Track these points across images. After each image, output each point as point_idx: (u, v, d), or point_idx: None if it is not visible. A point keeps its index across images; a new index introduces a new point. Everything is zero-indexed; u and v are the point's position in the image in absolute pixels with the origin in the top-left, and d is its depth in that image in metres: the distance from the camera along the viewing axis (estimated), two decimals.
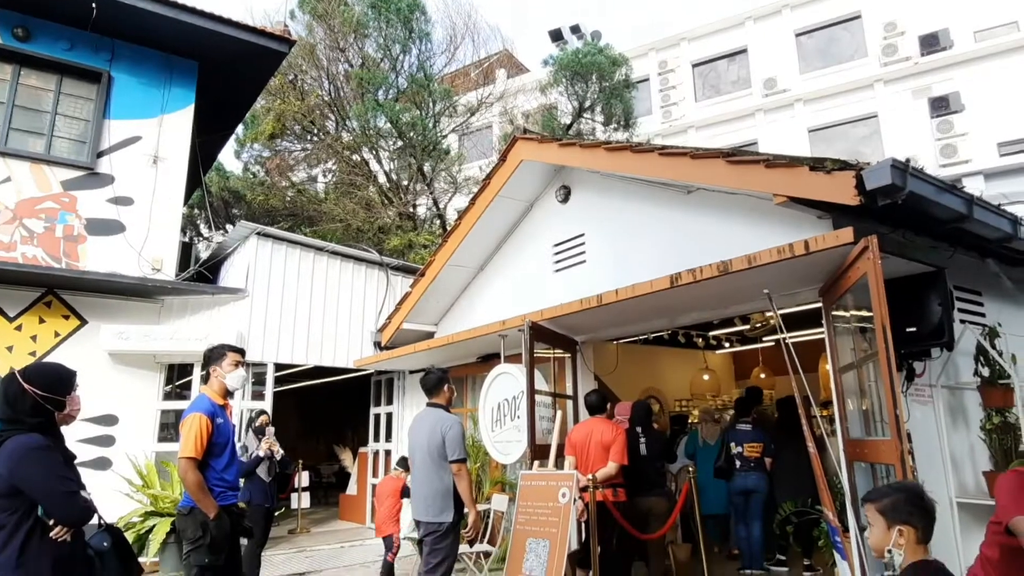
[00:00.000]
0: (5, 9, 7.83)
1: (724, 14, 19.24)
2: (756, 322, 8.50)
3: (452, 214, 14.03)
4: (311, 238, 10.11)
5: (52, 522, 2.62)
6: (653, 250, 5.81)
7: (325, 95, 15.29)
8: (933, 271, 4.33)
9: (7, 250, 7.51)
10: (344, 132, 15.59)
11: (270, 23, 12.88)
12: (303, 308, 8.96)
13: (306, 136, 16.00)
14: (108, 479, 7.20)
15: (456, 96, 15.64)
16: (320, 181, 18.21)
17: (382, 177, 15.36)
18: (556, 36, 21.28)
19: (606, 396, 5.92)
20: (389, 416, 9.87)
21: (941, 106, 15.61)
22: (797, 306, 5.28)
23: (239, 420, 7.60)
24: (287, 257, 8.96)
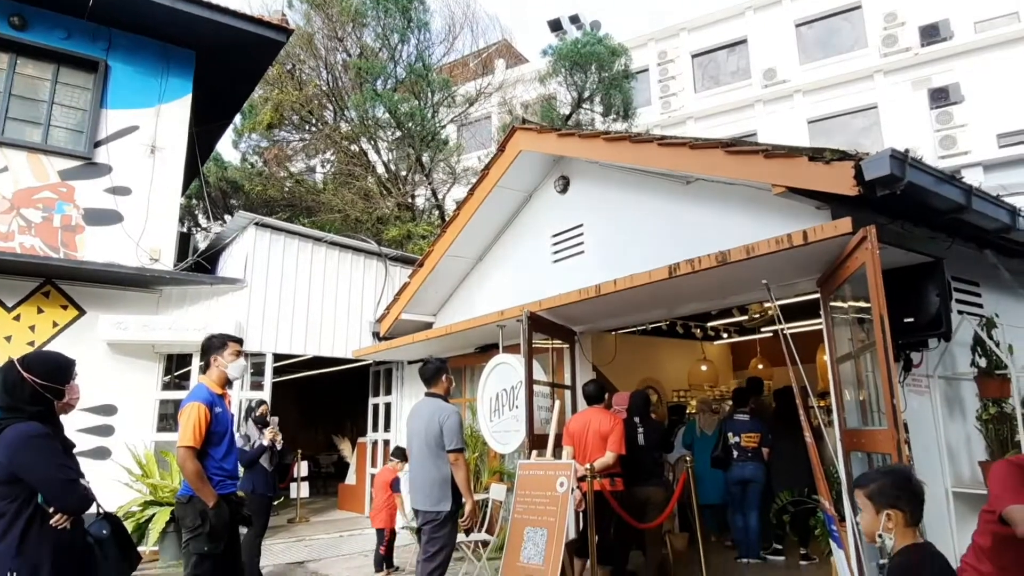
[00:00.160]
0: None
1: (724, 4, 19.14)
2: (754, 313, 8.52)
3: (451, 204, 14.01)
4: (309, 228, 10.09)
5: (52, 510, 2.64)
6: (652, 240, 5.81)
7: (323, 85, 15.21)
8: (931, 262, 4.34)
9: (5, 240, 7.50)
10: (342, 122, 15.52)
11: (268, 12, 12.82)
12: (301, 298, 8.95)
13: (304, 126, 15.93)
14: (108, 469, 7.22)
15: (455, 86, 15.56)
16: (318, 171, 18.15)
17: (380, 167, 15.31)
18: (555, 26, 21.19)
19: (604, 386, 5.92)
20: (388, 406, 9.89)
21: (941, 97, 15.57)
22: (795, 297, 5.28)
23: (237, 410, 7.62)
24: (285, 247, 8.94)
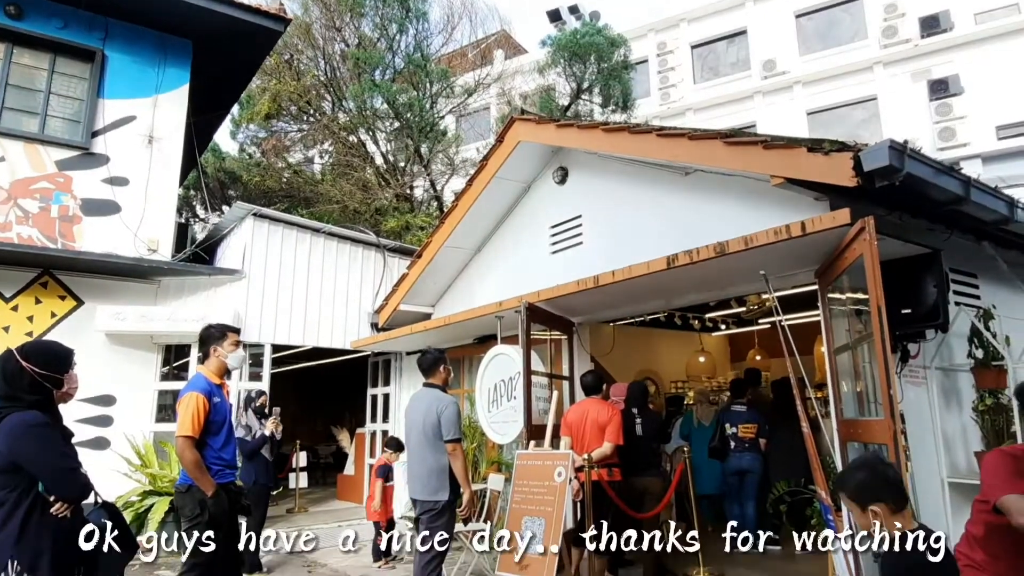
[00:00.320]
0: None
1: None
2: (752, 304, 8.53)
3: (449, 195, 13.97)
4: (308, 219, 10.07)
5: (52, 499, 2.65)
6: (650, 231, 5.80)
7: (321, 75, 15.13)
8: (929, 253, 4.34)
9: (2, 230, 7.47)
10: (340, 113, 15.45)
11: (265, 1, 12.72)
12: (300, 289, 8.94)
13: (302, 117, 15.86)
14: (106, 459, 7.22)
15: (453, 77, 15.49)
16: (317, 162, 18.08)
17: (379, 158, 15.26)
18: (554, 16, 21.08)
19: (602, 377, 5.94)
20: (386, 397, 9.91)
21: (940, 89, 15.54)
22: (793, 288, 5.29)
23: (235, 400, 7.63)
24: (284, 238, 8.92)
